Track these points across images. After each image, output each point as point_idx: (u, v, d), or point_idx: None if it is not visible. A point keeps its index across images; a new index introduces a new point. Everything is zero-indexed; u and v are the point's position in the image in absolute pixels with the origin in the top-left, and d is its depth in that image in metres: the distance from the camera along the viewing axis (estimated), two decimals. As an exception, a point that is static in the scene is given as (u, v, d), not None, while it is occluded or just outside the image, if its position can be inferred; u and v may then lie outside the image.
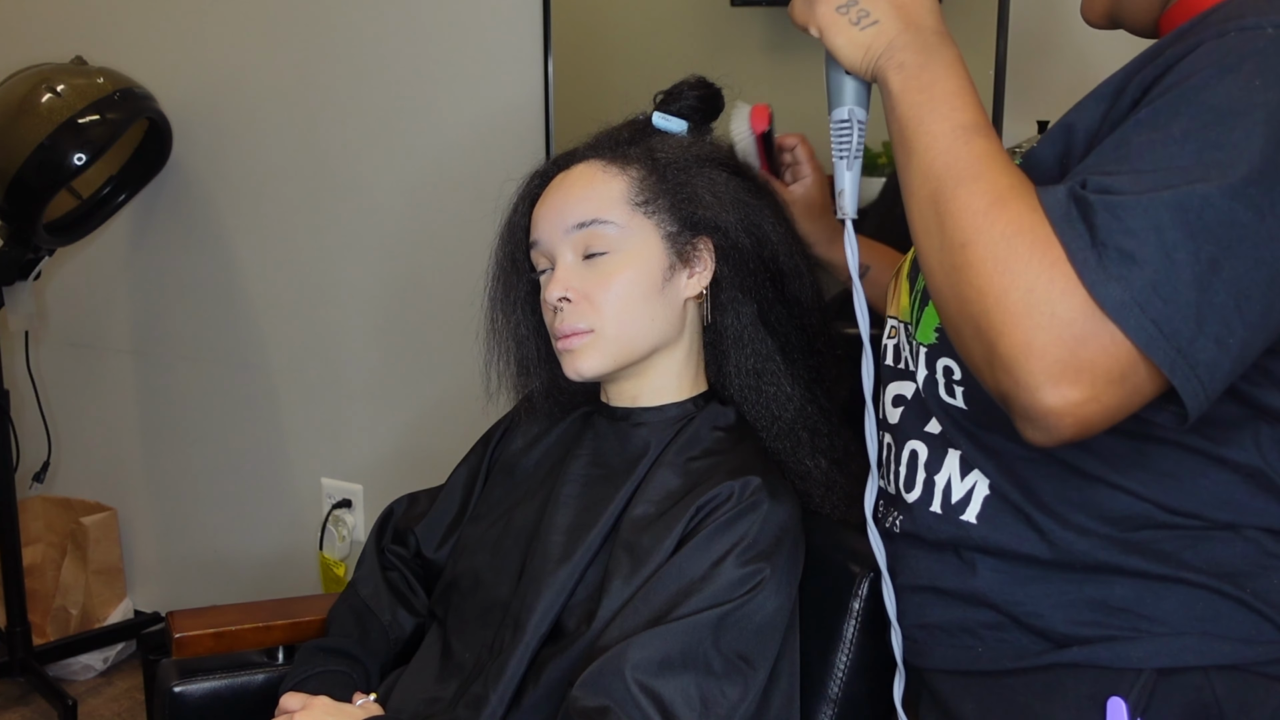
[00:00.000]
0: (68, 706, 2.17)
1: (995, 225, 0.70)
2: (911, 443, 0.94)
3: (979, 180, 0.72)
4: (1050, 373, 0.66)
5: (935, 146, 0.75)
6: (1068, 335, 0.66)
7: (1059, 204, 0.69)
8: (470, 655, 1.10)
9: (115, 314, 2.53)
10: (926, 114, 0.76)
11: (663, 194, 1.10)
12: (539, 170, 1.20)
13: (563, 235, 1.10)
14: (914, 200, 0.76)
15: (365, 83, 2.10)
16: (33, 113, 2.03)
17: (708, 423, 1.13)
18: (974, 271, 0.70)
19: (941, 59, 0.78)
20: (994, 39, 1.56)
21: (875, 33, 0.81)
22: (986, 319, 0.69)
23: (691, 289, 1.12)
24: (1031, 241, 0.68)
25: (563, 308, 1.09)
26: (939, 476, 0.91)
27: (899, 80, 0.78)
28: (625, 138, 1.16)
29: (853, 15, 0.81)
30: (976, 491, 0.88)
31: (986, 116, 0.77)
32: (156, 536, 2.58)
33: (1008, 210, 0.70)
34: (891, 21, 0.80)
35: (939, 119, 0.75)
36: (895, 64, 0.79)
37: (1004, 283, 0.68)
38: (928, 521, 0.92)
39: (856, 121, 0.85)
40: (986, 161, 0.73)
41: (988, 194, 0.71)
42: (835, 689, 1.08)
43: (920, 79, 0.77)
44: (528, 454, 1.23)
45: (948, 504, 0.90)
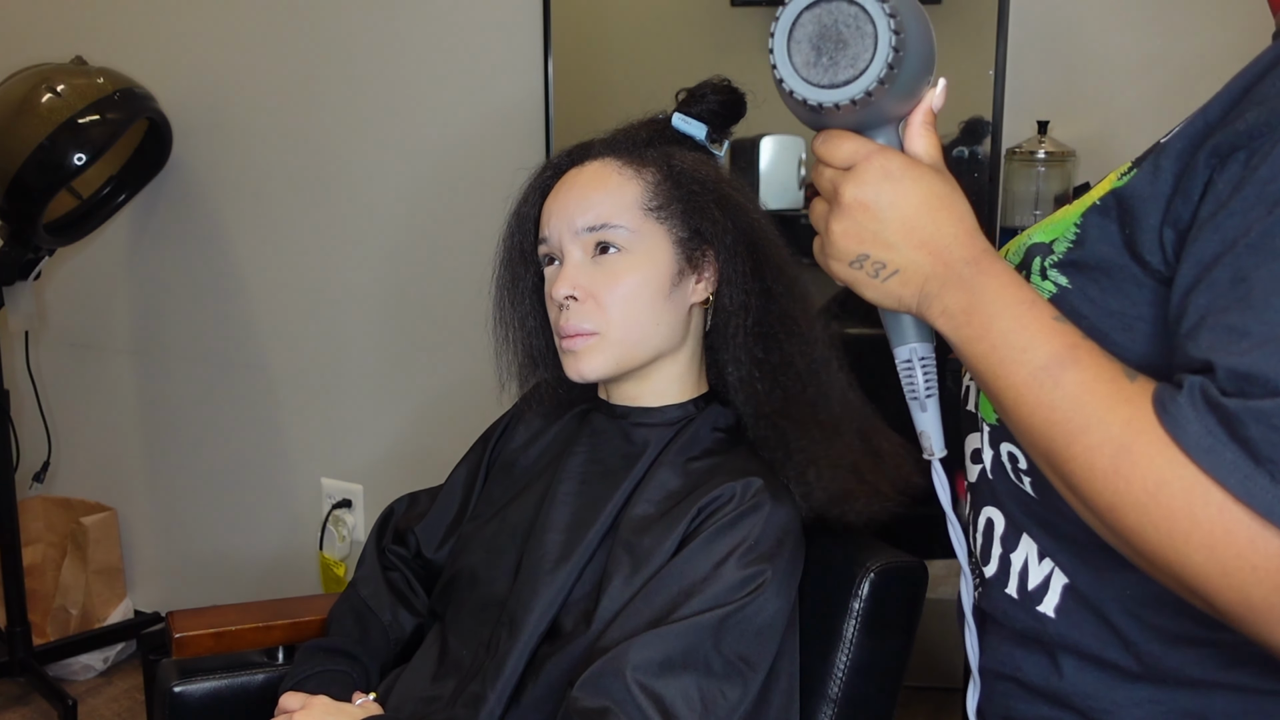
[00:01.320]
0: (68, 706, 2.17)
1: (1133, 484, 0.59)
2: (989, 509, 0.82)
3: (1089, 431, 0.61)
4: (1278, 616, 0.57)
5: (1023, 401, 0.64)
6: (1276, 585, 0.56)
7: (1192, 430, 0.58)
8: (467, 653, 1.10)
9: (115, 314, 2.53)
10: (997, 365, 0.66)
11: (676, 200, 1.09)
12: (552, 162, 1.18)
13: (572, 235, 1.09)
14: (1033, 454, 0.66)
15: (365, 83, 2.10)
16: (33, 113, 2.03)
17: (708, 424, 1.13)
18: (1139, 538, 0.60)
19: (987, 292, 0.67)
20: (994, 39, 1.56)
21: (900, 282, 0.71)
22: (1182, 581, 0.60)
23: (698, 295, 1.12)
24: (1184, 490, 0.58)
25: (569, 306, 1.08)
26: (1015, 555, 0.79)
27: (949, 328, 0.69)
28: (643, 138, 1.14)
29: (868, 269, 0.72)
30: (1054, 582, 0.76)
31: (1069, 332, 0.65)
32: (156, 536, 2.58)
33: (1139, 460, 0.59)
34: (915, 267, 0.70)
35: (1012, 367, 0.65)
36: (938, 312, 0.69)
37: (1179, 550, 0.58)
38: (1003, 605, 0.80)
39: (919, 359, 0.76)
40: (1088, 402, 0.62)
41: (1106, 445, 0.60)
42: (835, 689, 1.08)
43: (972, 326, 0.67)
44: (526, 451, 1.23)
45: (1024, 590, 0.79)
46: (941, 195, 0.71)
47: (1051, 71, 1.59)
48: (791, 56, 0.67)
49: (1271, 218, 0.59)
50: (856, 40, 0.66)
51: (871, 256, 0.71)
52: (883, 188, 0.70)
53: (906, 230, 0.70)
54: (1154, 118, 1.54)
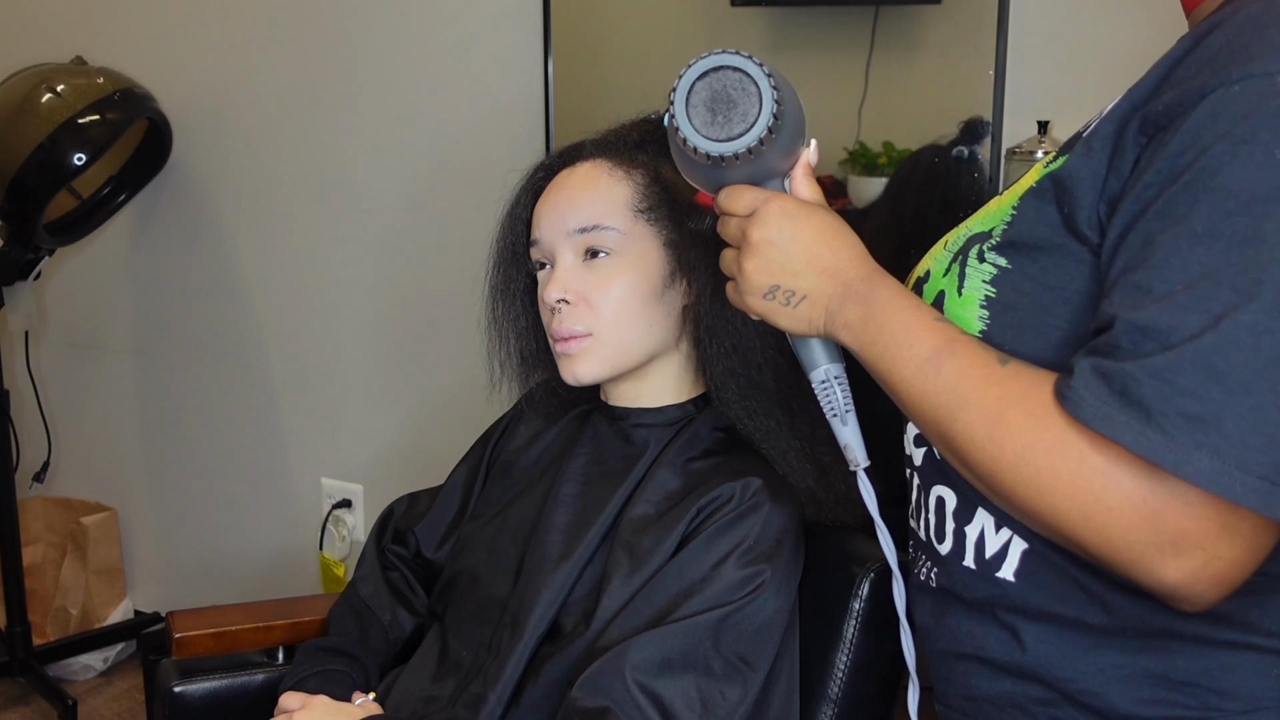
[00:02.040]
0: (68, 706, 2.17)
1: (1005, 449, 0.67)
2: (938, 488, 0.85)
3: (966, 408, 0.69)
4: (1148, 555, 0.63)
5: (912, 390, 0.73)
6: (1137, 519, 0.62)
7: (1083, 399, 0.64)
8: (468, 653, 1.10)
9: (115, 314, 2.53)
10: (889, 362, 0.75)
11: (665, 202, 1.09)
12: (543, 163, 1.19)
13: (564, 237, 1.09)
14: (924, 433, 0.75)
15: (365, 83, 2.10)
16: (33, 113, 2.03)
17: (707, 424, 1.13)
18: (1015, 496, 0.67)
19: (879, 302, 0.77)
20: (994, 39, 1.56)
21: (809, 306, 0.80)
22: (1057, 531, 0.67)
23: (689, 296, 1.12)
24: (1046, 449, 0.65)
25: (560, 309, 1.08)
26: (970, 528, 0.82)
27: (850, 339, 0.78)
28: (634, 139, 1.15)
29: (780, 298, 0.81)
30: (1013, 546, 0.80)
31: (948, 329, 0.74)
32: (156, 536, 2.58)
33: (1008, 428, 0.67)
34: (818, 290, 0.80)
35: (901, 363, 0.74)
36: (841, 325, 0.79)
37: (1046, 500, 0.65)
38: (963, 578, 0.83)
39: (834, 379, 0.85)
40: (965, 383, 0.70)
41: (982, 419, 0.69)
42: (835, 689, 1.08)
43: (867, 331, 0.77)
44: (526, 451, 1.23)
45: (982, 559, 0.81)
46: (834, 227, 0.81)
47: (1051, 71, 1.59)
48: (691, 119, 0.78)
49: (1176, 185, 0.65)
50: (744, 99, 0.77)
51: (782, 286, 0.81)
52: (784, 224, 0.81)
53: (808, 259, 0.80)
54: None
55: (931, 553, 0.87)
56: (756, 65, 0.76)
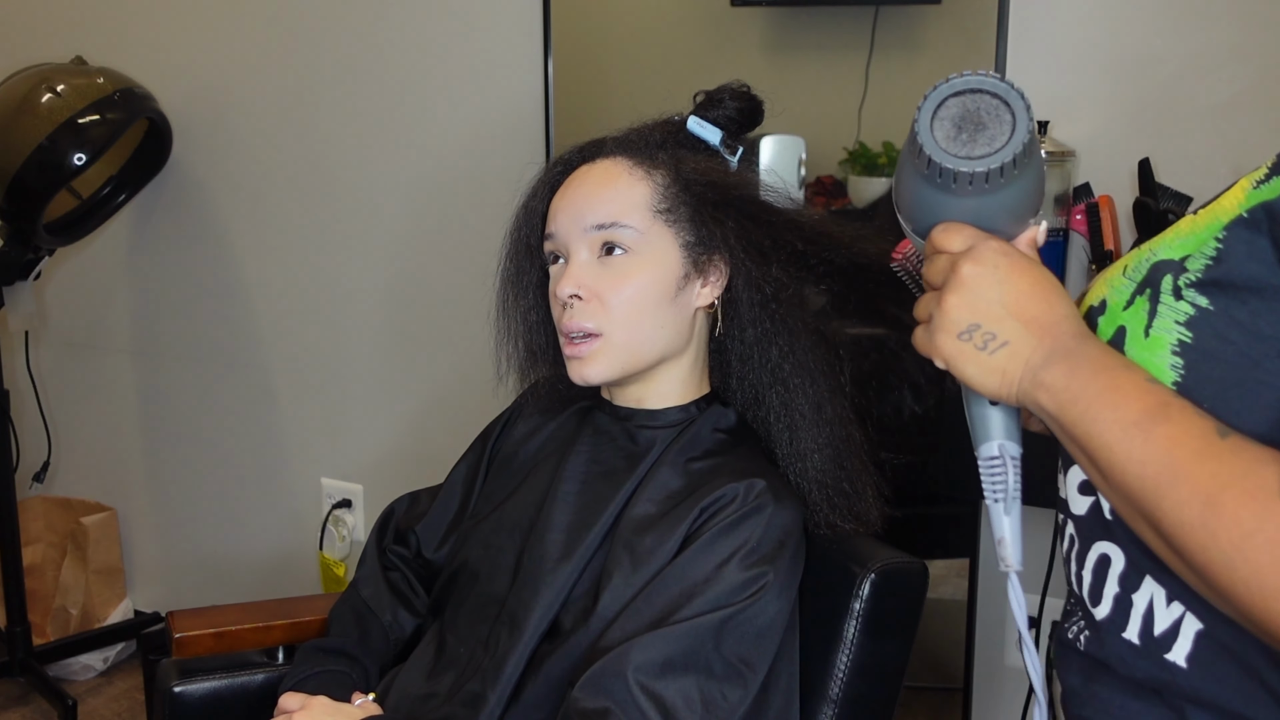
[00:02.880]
0: (68, 706, 2.17)
1: (1219, 538, 0.59)
2: (1103, 544, 0.75)
3: (1176, 485, 0.61)
4: None
5: (1115, 457, 0.64)
6: None
7: None
8: (464, 650, 1.10)
9: (115, 314, 2.53)
10: (1090, 425, 0.66)
11: (684, 204, 1.09)
12: (563, 157, 1.17)
13: (580, 232, 1.09)
14: (1130, 520, 0.66)
15: (365, 83, 2.10)
16: (33, 113, 2.03)
17: (709, 425, 1.12)
18: (1233, 595, 0.59)
19: (1085, 359, 0.68)
20: (994, 39, 1.56)
21: (1008, 355, 0.71)
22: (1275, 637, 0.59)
23: (704, 299, 1.11)
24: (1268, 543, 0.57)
25: (573, 305, 1.08)
26: (1137, 596, 0.72)
27: (1050, 400, 0.68)
28: (656, 140, 1.14)
29: (978, 340, 0.72)
30: (1185, 625, 0.70)
31: (1161, 391, 0.65)
32: (156, 536, 2.58)
33: (1224, 514, 0.59)
34: (1023, 339, 0.71)
35: (1105, 426, 0.65)
36: (1039, 384, 0.69)
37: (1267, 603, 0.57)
38: (1120, 652, 0.73)
39: (1009, 457, 0.75)
40: (1177, 455, 0.62)
41: (1194, 499, 0.60)
42: (835, 689, 1.08)
43: (1070, 390, 0.67)
44: (524, 445, 1.23)
45: (1149, 636, 0.71)
46: (1052, 282, 0.73)
47: (1051, 71, 1.59)
48: (935, 132, 0.73)
49: None
50: (994, 124, 0.72)
51: (983, 327, 0.72)
52: (999, 262, 0.72)
53: (1019, 305, 0.71)
54: (1154, 118, 1.54)
55: (1084, 612, 0.78)
56: (1016, 92, 0.71)
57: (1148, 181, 1.46)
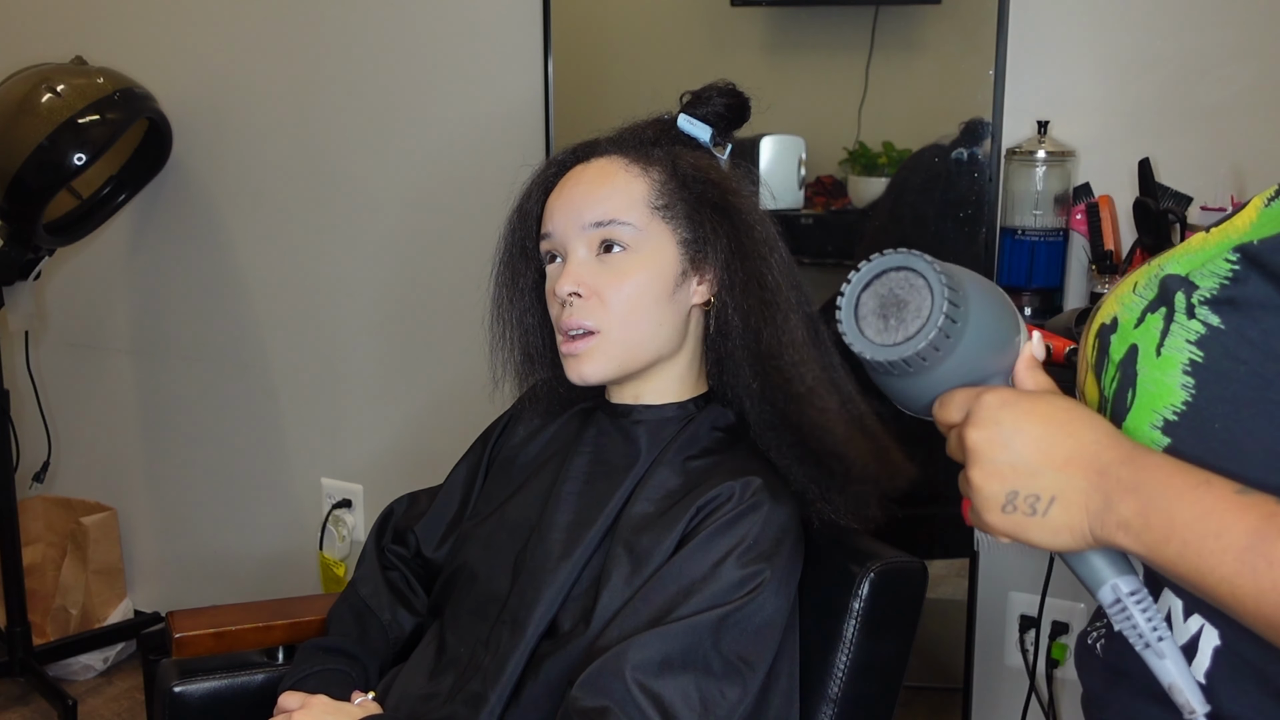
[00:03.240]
0: (68, 706, 2.17)
1: None
2: None
3: None
4: None
5: (1241, 590, 0.58)
6: None
7: None
8: (465, 650, 1.10)
9: (115, 314, 2.54)
10: (1196, 562, 0.60)
11: (681, 200, 1.09)
12: (556, 158, 1.17)
13: (578, 230, 1.09)
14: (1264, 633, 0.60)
15: (365, 83, 2.10)
16: (33, 113, 2.03)
17: (707, 423, 1.12)
18: None
19: (1156, 487, 0.62)
20: (994, 39, 1.56)
21: (1062, 509, 0.65)
22: None
23: (700, 296, 1.11)
24: None
25: (572, 303, 1.08)
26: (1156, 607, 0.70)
27: (1133, 542, 0.63)
28: (650, 137, 1.14)
29: (1023, 507, 0.66)
30: (1204, 640, 0.68)
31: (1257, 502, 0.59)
32: (156, 536, 2.58)
33: None
34: (1069, 488, 0.65)
35: (1216, 561, 0.59)
36: (1115, 527, 0.63)
37: None
38: (1140, 664, 0.69)
39: (1127, 596, 0.67)
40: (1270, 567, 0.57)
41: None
42: (835, 689, 1.08)
43: (1154, 529, 0.61)
44: (525, 448, 1.23)
45: None
46: (1067, 409, 0.67)
47: (1051, 71, 1.59)
48: (863, 331, 0.71)
49: None
50: (911, 293, 0.69)
51: (1021, 492, 0.66)
52: (1002, 416, 0.67)
53: (1043, 451, 0.65)
54: (1154, 118, 1.54)
55: (1107, 622, 0.76)
56: (904, 253, 0.70)
57: (1148, 181, 1.46)
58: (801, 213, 1.76)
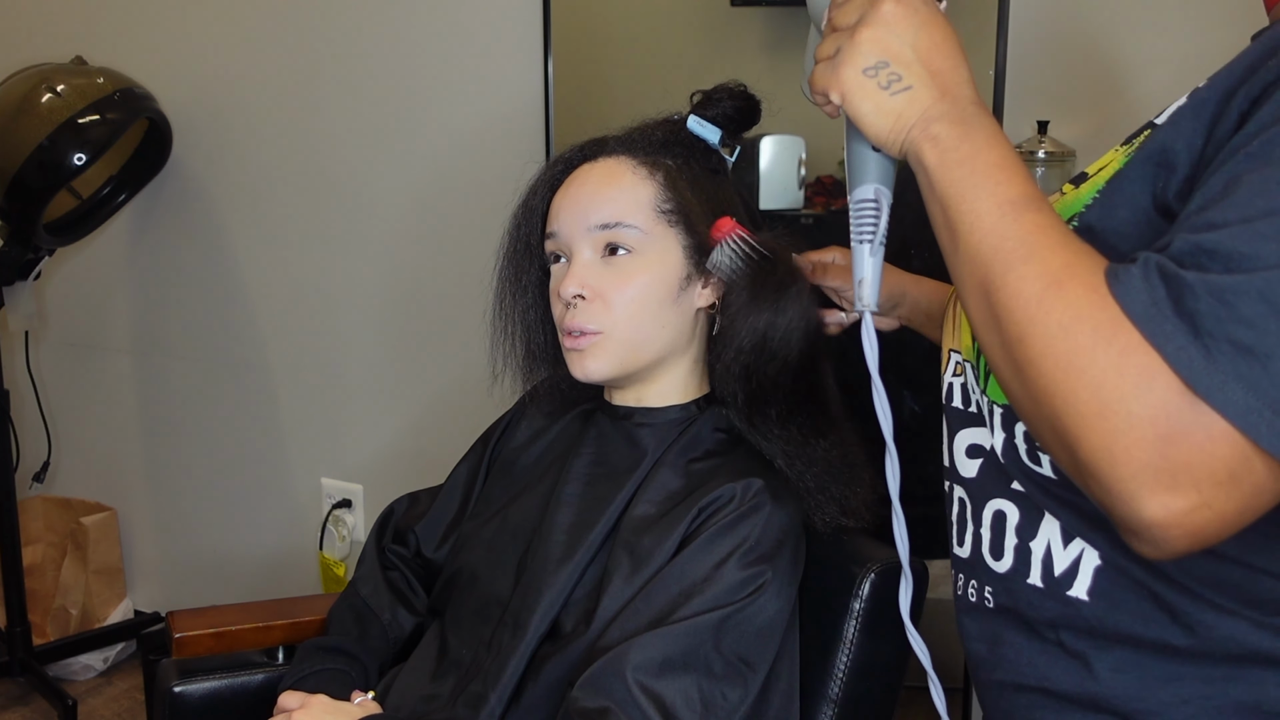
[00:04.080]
0: (68, 706, 2.17)
1: (1051, 314, 0.60)
2: (996, 501, 0.79)
3: (1030, 262, 0.62)
4: (1141, 480, 0.56)
5: (980, 226, 0.65)
6: (1151, 435, 0.56)
7: (1137, 289, 0.58)
8: (467, 652, 1.10)
9: (115, 314, 2.54)
10: (969, 190, 0.66)
11: (686, 204, 1.09)
12: (563, 156, 1.17)
13: (584, 232, 1.08)
14: (965, 290, 0.67)
15: (365, 83, 2.10)
16: (33, 113, 2.03)
17: (709, 425, 1.12)
18: (1035, 369, 0.60)
19: (981, 130, 0.69)
20: (994, 39, 1.56)
21: (908, 99, 0.70)
22: (1059, 422, 0.59)
23: (704, 299, 1.11)
24: (1093, 329, 0.58)
25: (576, 304, 1.08)
26: (1035, 544, 0.76)
27: (935, 154, 0.69)
28: (658, 139, 1.13)
29: (883, 78, 0.71)
30: (1085, 561, 0.73)
31: (1038, 188, 0.66)
32: (156, 536, 2.58)
33: (1064, 294, 0.60)
34: (926, 88, 0.70)
35: (983, 195, 0.65)
36: (929, 136, 0.69)
37: (1069, 382, 0.58)
38: (1028, 596, 0.76)
39: (885, 201, 0.76)
40: (1039, 239, 0.63)
41: (1041, 277, 0.61)
42: (835, 689, 1.08)
43: (960, 151, 0.68)
44: (527, 450, 1.23)
45: (1050, 576, 0.75)
46: (959, 43, 0.73)
47: (1051, 71, 1.59)
48: None
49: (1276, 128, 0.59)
50: None
51: (891, 66, 0.71)
52: (919, 8, 0.72)
53: (930, 55, 0.71)
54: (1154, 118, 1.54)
55: (984, 572, 0.81)
56: None
57: (1147, 181, 1.46)
58: (801, 213, 1.76)
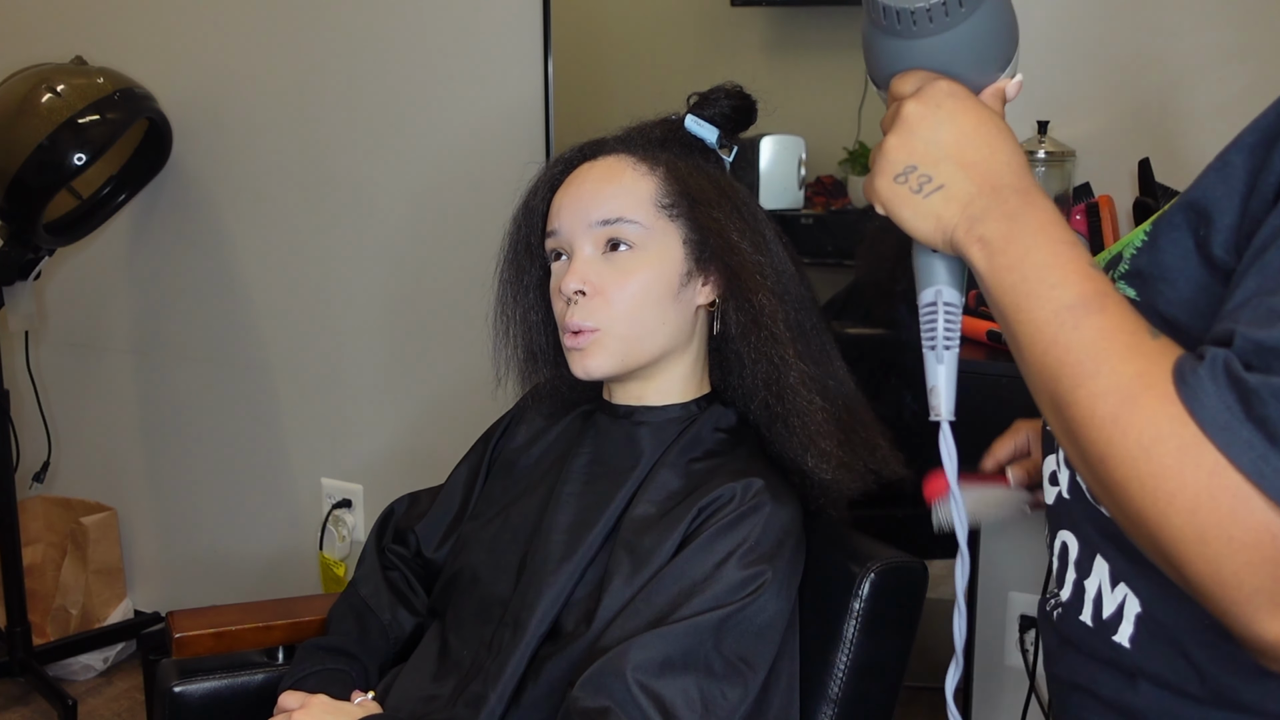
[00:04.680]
0: (68, 706, 2.17)
1: (1129, 434, 0.57)
2: (1063, 533, 0.80)
3: (1098, 377, 0.59)
4: (1256, 603, 0.55)
5: (1041, 339, 0.62)
6: (1258, 559, 0.54)
7: (1210, 403, 0.55)
8: (468, 653, 1.10)
9: (115, 314, 2.54)
10: (1023, 300, 0.63)
11: (685, 201, 1.09)
12: (563, 156, 1.18)
13: (585, 228, 1.09)
14: (1039, 400, 0.64)
15: (365, 83, 2.10)
16: (33, 113, 2.03)
17: (709, 424, 1.13)
18: (1124, 493, 0.58)
19: (1030, 224, 0.65)
20: (994, 39, 1.56)
21: (943, 199, 0.68)
22: (1159, 545, 0.58)
23: (704, 296, 1.12)
24: (1178, 449, 0.55)
25: (577, 301, 1.08)
26: (1089, 582, 0.77)
27: (984, 259, 0.65)
28: (657, 137, 1.14)
29: (913, 182, 0.69)
30: (1128, 609, 0.74)
31: (1101, 280, 0.63)
32: (156, 536, 2.58)
33: (1141, 412, 0.57)
34: (960, 184, 0.67)
35: (1038, 305, 0.62)
36: (975, 238, 0.66)
37: (1159, 507, 0.56)
38: (1080, 632, 0.78)
39: (943, 304, 0.73)
40: (1105, 348, 0.60)
41: (1113, 393, 0.58)
42: (835, 689, 1.08)
43: (1008, 255, 0.64)
44: (528, 451, 1.23)
45: (1099, 619, 0.77)
46: (1000, 128, 0.69)
47: (1051, 71, 1.59)
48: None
49: None
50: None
51: (919, 169, 0.68)
52: (943, 102, 0.69)
53: (959, 148, 0.68)
54: (1154, 118, 1.54)
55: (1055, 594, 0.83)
56: None
57: (1148, 181, 1.46)
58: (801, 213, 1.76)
